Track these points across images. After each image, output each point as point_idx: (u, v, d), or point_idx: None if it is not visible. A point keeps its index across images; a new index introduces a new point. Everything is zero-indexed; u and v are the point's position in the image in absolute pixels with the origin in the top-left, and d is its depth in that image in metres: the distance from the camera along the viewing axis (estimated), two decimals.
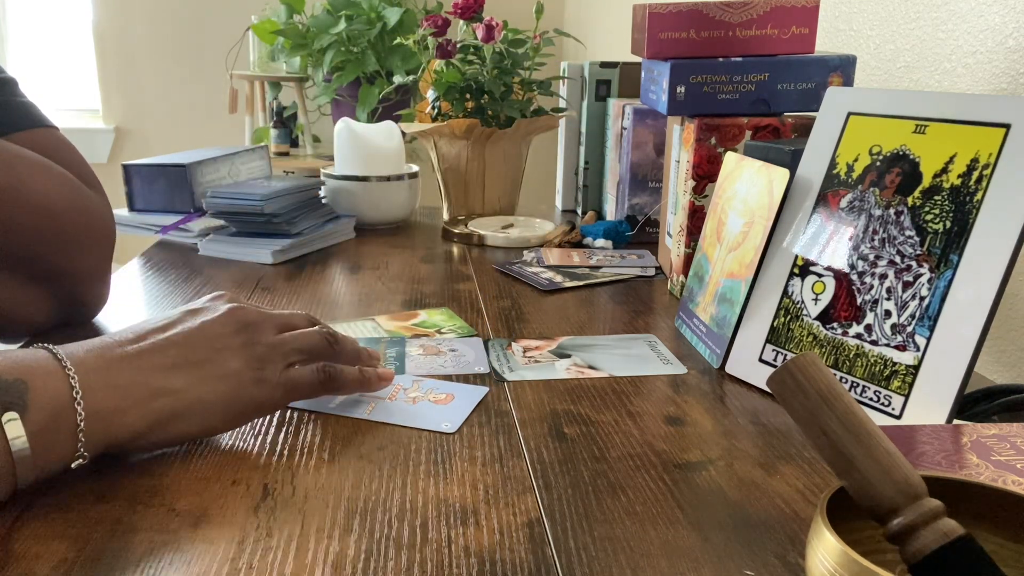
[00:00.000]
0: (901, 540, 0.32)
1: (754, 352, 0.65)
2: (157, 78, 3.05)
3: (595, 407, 0.60)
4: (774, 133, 0.82)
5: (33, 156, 0.68)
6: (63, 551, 0.41)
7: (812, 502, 0.48)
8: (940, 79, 0.85)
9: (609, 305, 0.85)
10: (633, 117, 1.08)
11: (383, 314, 0.81)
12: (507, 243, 1.10)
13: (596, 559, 0.42)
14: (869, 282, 0.60)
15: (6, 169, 0.65)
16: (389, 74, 2.46)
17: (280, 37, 2.56)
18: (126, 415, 0.47)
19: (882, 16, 0.95)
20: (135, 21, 3.00)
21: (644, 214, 1.11)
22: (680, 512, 0.47)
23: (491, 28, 1.16)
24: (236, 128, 2.90)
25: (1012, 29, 0.75)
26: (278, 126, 2.69)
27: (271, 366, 0.53)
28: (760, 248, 0.67)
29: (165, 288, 0.89)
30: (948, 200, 0.57)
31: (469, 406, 0.60)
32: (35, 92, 0.77)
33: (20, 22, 3.07)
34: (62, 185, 0.69)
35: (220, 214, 1.05)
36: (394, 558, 0.42)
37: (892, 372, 0.57)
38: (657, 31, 0.82)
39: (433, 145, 1.23)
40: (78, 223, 0.70)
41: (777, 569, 0.41)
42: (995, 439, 0.46)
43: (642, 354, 0.71)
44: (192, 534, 0.43)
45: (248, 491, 0.48)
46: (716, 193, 0.76)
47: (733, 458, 0.53)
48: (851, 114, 0.65)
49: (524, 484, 0.49)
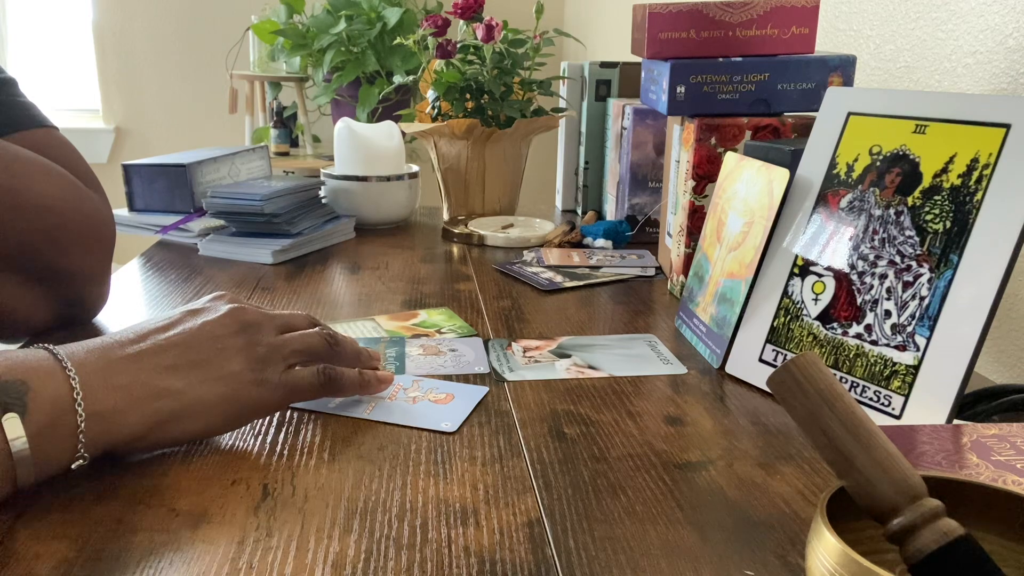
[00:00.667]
0: (901, 540, 0.32)
1: (754, 352, 0.65)
2: (157, 78, 3.05)
3: (595, 407, 0.60)
4: (774, 133, 0.82)
5: (33, 156, 0.68)
6: (63, 551, 0.41)
7: (812, 502, 0.48)
8: (940, 79, 0.85)
9: (609, 305, 0.85)
10: (633, 117, 1.08)
11: (383, 314, 0.81)
12: (507, 243, 1.10)
13: (596, 559, 0.42)
14: (869, 282, 0.60)
15: (7, 168, 0.65)
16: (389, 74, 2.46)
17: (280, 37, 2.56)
18: (126, 416, 0.47)
19: (882, 16, 0.95)
20: (135, 21, 3.00)
21: (644, 214, 1.11)
22: (680, 512, 0.47)
23: (491, 28, 1.16)
24: (236, 128, 2.91)
25: (1012, 29, 0.75)
26: (278, 126, 2.69)
27: (272, 367, 0.53)
28: (760, 248, 0.67)
29: (165, 288, 0.89)
30: (948, 200, 0.57)
31: (469, 406, 0.60)
32: (35, 92, 0.77)
33: (20, 22, 3.07)
34: (62, 186, 0.69)
35: (220, 214, 1.05)
36: (394, 558, 0.42)
37: (892, 372, 0.57)
38: (657, 31, 0.82)
39: (433, 145, 1.23)
40: (78, 223, 0.70)
41: (777, 569, 0.41)
42: (995, 439, 0.46)
43: (642, 354, 0.71)
44: (192, 534, 0.43)
45: (248, 491, 0.48)
46: (716, 193, 0.76)
47: (733, 458, 0.53)
48: (851, 114, 0.65)
49: (524, 484, 0.49)
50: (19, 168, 0.66)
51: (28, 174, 0.66)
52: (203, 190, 1.11)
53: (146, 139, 3.09)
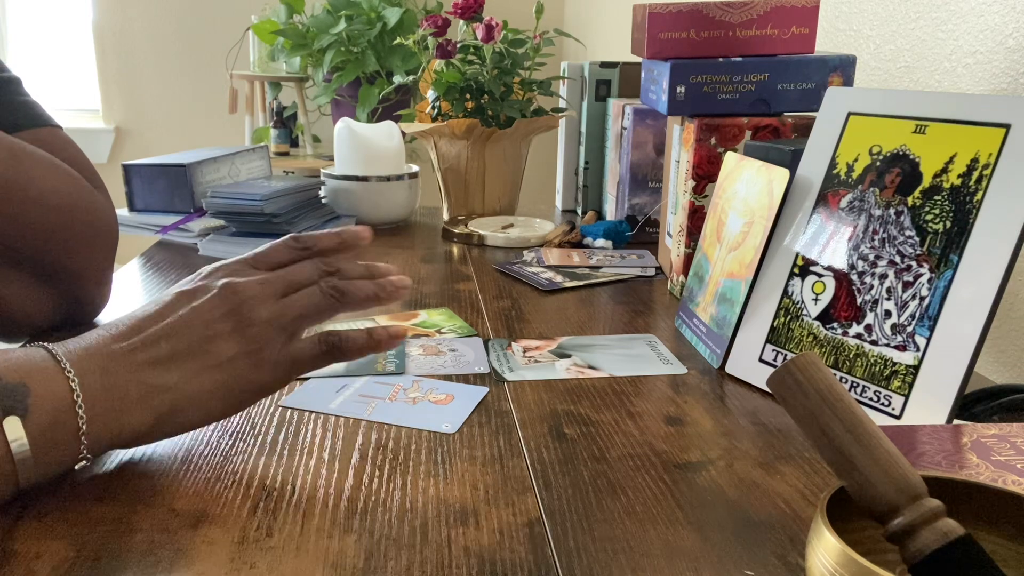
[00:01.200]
0: (901, 540, 0.32)
1: (754, 352, 0.65)
2: (157, 78, 3.05)
3: (595, 407, 0.60)
4: (774, 133, 0.82)
5: (40, 152, 0.68)
6: (63, 551, 0.41)
7: (812, 502, 0.48)
8: (940, 79, 0.85)
9: (609, 305, 0.85)
10: (633, 117, 1.08)
11: (383, 314, 0.81)
12: (507, 243, 1.10)
13: (596, 559, 0.42)
14: (869, 282, 0.60)
15: (14, 164, 0.65)
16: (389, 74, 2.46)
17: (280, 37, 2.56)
18: (127, 415, 0.47)
19: (882, 16, 0.95)
20: (135, 21, 3.00)
21: (644, 214, 1.11)
22: (680, 512, 0.47)
23: (491, 28, 1.16)
24: (236, 128, 2.91)
25: (1012, 29, 0.75)
26: (278, 126, 2.69)
27: (269, 345, 0.51)
28: (760, 248, 0.67)
29: (165, 288, 0.89)
30: (948, 200, 0.57)
31: (469, 406, 0.60)
32: (35, 92, 0.77)
33: (20, 22, 3.07)
34: (69, 182, 0.69)
35: (220, 214, 1.05)
36: (394, 558, 0.42)
37: (892, 372, 0.57)
38: (657, 31, 0.82)
39: (433, 145, 1.23)
40: (84, 220, 0.70)
41: (777, 569, 0.41)
42: (995, 439, 0.46)
43: (642, 354, 0.71)
44: (192, 534, 0.43)
45: (248, 491, 0.48)
46: (716, 193, 0.76)
47: (733, 458, 0.53)
48: (851, 114, 0.65)
49: (524, 484, 0.49)
50: (27, 163, 0.66)
51: (36, 169, 0.66)
52: (203, 190, 1.11)
53: (146, 139, 3.09)
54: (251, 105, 2.77)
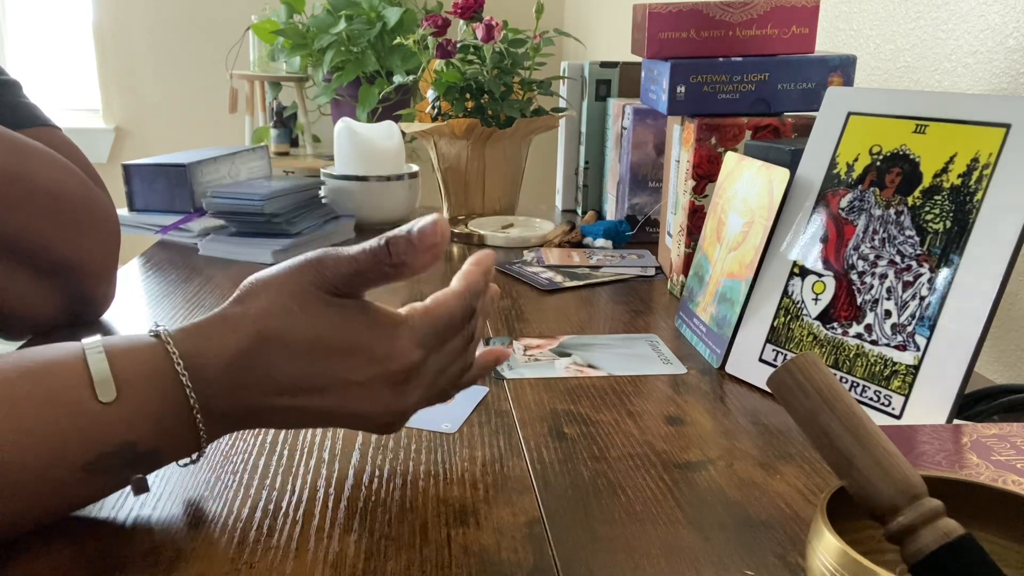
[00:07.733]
0: (901, 540, 0.32)
1: (754, 352, 0.65)
2: (157, 78, 3.05)
3: (595, 407, 0.60)
4: (774, 133, 0.82)
5: (40, 146, 0.68)
6: (63, 551, 0.41)
7: (812, 502, 0.48)
8: (940, 79, 0.85)
9: (609, 305, 0.85)
10: (633, 117, 1.08)
11: None
12: (507, 243, 1.10)
13: (596, 559, 0.42)
14: (869, 282, 0.60)
15: (17, 155, 0.65)
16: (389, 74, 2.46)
17: (280, 37, 2.56)
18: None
19: (882, 16, 0.95)
20: (135, 21, 2.99)
21: (644, 214, 1.11)
22: (680, 512, 0.47)
23: (491, 28, 1.16)
24: (236, 128, 2.90)
25: (1012, 29, 0.75)
26: (278, 126, 2.69)
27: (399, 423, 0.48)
28: (760, 248, 0.67)
29: (165, 288, 0.89)
30: (948, 200, 0.57)
31: (469, 406, 0.60)
32: (35, 92, 0.78)
33: (20, 22, 3.07)
34: (69, 175, 0.70)
35: (220, 214, 1.05)
36: (394, 558, 0.42)
37: (892, 372, 0.57)
38: (657, 31, 0.82)
39: (433, 145, 1.23)
40: (88, 214, 0.70)
41: (777, 569, 0.41)
42: (995, 439, 0.46)
43: (642, 354, 0.71)
44: (192, 534, 0.43)
45: (248, 491, 0.48)
46: (716, 193, 0.76)
47: (733, 458, 0.53)
48: (851, 114, 0.65)
49: (524, 484, 0.49)
50: (31, 156, 0.66)
51: (38, 161, 0.67)
52: (203, 190, 1.11)
53: (146, 139, 3.09)
54: (251, 105, 2.77)
